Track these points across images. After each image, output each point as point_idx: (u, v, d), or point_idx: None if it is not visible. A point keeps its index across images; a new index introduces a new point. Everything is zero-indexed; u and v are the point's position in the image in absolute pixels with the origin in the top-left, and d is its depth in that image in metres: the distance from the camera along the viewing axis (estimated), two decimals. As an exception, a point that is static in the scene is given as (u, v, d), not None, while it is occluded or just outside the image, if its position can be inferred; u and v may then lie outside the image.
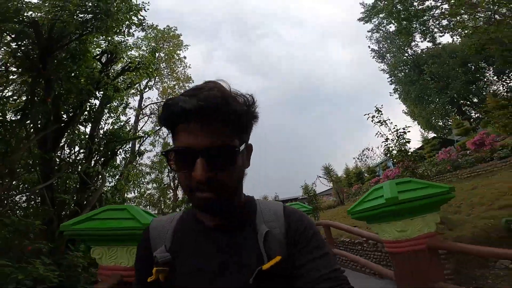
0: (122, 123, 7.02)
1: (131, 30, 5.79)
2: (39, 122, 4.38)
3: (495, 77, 26.42)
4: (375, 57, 32.11)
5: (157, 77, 17.85)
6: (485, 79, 26.37)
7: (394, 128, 6.17)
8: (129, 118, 9.47)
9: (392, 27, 29.35)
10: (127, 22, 5.59)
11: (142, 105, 18.45)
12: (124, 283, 2.47)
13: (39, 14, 4.64)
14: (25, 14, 4.54)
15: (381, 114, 6.33)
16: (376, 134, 6.35)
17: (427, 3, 22.21)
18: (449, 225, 4.87)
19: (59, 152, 5.50)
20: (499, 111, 14.86)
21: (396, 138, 6.10)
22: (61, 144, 5.35)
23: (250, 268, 0.60)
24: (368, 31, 31.27)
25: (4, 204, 3.68)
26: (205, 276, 0.63)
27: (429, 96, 26.29)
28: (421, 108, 27.29)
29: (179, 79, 20.85)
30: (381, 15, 29.50)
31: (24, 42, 4.66)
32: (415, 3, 22.36)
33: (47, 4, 4.79)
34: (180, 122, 0.60)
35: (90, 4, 4.96)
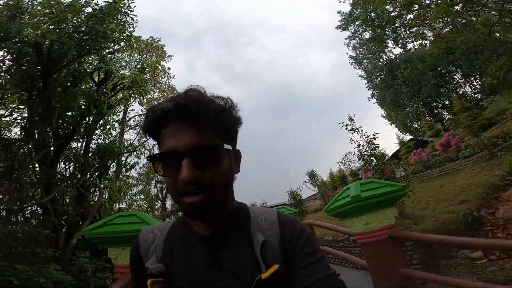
0: (113, 138, 7.36)
1: (119, 46, 6.21)
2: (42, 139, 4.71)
3: (463, 80, 28.28)
4: (353, 63, 33.62)
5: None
6: (454, 82, 28.15)
7: (365, 135, 6.88)
8: (117, 132, 9.75)
9: (367, 34, 31.07)
10: (118, 41, 6.02)
11: (126, 117, 18.56)
12: None
13: (38, 32, 4.95)
14: (25, 34, 4.88)
15: (354, 122, 7.04)
16: (350, 140, 7.03)
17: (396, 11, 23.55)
18: (415, 220, 5.54)
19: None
20: (464, 113, 16.15)
21: (367, 144, 6.79)
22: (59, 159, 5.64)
23: (247, 277, 0.60)
24: (346, 39, 32.83)
25: (16, 216, 3.97)
26: (200, 286, 0.62)
27: (403, 100, 27.75)
28: (397, 111, 28.75)
29: (163, 91, 21.14)
30: (357, 23, 31.13)
31: (24, 61, 4.98)
32: (387, 11, 23.76)
33: (45, 25, 5.14)
34: (162, 128, 0.62)
35: (84, 26, 5.35)
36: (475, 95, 25.50)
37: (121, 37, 5.93)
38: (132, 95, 6.63)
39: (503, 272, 4.18)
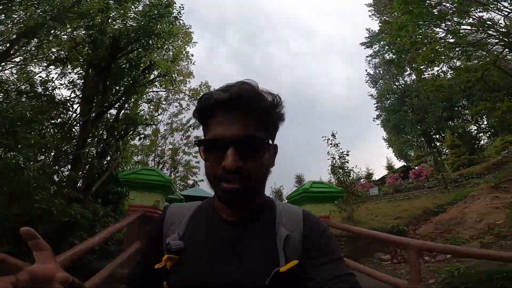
0: (137, 111, 9.03)
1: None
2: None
3: (470, 117, 28.69)
4: (369, 81, 34.38)
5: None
6: (464, 117, 28.33)
7: (339, 150, 8.38)
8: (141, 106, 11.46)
9: (388, 56, 31.54)
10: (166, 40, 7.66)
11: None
12: (146, 216, 4.41)
13: (116, 26, 6.58)
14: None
15: (335, 138, 8.52)
16: (328, 153, 8.54)
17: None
18: (356, 223, 7.06)
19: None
20: (452, 150, 17.41)
21: (338, 158, 8.31)
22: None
23: (266, 268, 0.60)
24: (367, 56, 33.53)
25: (58, 161, 5.64)
26: (212, 267, 0.63)
27: (405, 127, 28.56)
28: (397, 137, 29.52)
29: (182, 74, 22.60)
30: (382, 43, 31.60)
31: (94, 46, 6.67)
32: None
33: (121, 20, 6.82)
34: (212, 115, 0.65)
35: (145, 24, 6.92)
36: (479, 134, 26.21)
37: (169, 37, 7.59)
38: (165, 83, 8.28)
39: (402, 271, 5.71)
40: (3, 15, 6.31)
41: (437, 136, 29.01)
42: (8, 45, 6.90)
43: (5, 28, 6.80)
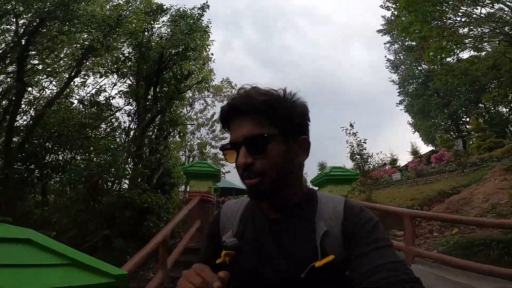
0: (179, 113, 10.46)
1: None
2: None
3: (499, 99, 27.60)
4: (389, 67, 33.91)
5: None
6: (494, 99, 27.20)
7: (357, 138, 9.31)
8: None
9: (407, 42, 30.87)
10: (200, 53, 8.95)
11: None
12: (203, 200, 5.59)
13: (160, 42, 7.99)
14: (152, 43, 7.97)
15: (353, 128, 9.45)
16: (347, 141, 9.48)
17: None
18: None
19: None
20: (476, 134, 17.38)
21: (356, 146, 9.24)
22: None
23: (303, 262, 0.64)
24: (385, 43, 32.99)
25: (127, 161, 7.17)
26: (258, 265, 0.70)
27: (430, 111, 28.15)
28: (423, 121, 29.15)
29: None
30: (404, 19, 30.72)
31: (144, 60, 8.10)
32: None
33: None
34: (230, 122, 0.74)
35: (183, 40, 8.19)
36: (510, 117, 25.34)
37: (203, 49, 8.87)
38: (200, 90, 9.63)
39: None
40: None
41: (466, 119, 28.37)
42: (75, 63, 8.47)
43: (73, 49, 8.37)
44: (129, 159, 7.30)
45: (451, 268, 3.48)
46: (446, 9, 9.66)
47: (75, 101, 9.97)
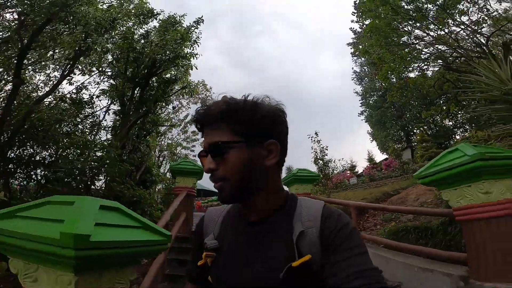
0: (159, 114, 11.11)
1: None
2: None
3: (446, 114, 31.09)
4: (355, 78, 36.53)
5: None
6: (440, 114, 30.66)
7: (320, 145, 10.77)
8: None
9: (371, 57, 33.46)
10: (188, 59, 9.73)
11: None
12: (189, 195, 6.48)
13: (152, 48, 8.65)
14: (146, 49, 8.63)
15: (318, 136, 10.90)
16: (311, 148, 10.89)
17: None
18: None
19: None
20: (421, 144, 19.96)
21: (319, 152, 10.69)
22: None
23: (281, 264, 0.66)
24: (351, 54, 35.24)
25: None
26: (237, 266, 0.73)
27: (386, 122, 31.04)
28: (379, 131, 32.03)
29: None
30: (367, 43, 33.35)
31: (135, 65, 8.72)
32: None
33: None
34: (203, 130, 0.77)
35: (172, 48, 8.89)
36: (454, 129, 28.79)
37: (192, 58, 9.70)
38: (184, 94, 10.49)
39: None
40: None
41: (416, 130, 31.66)
42: (70, 63, 8.79)
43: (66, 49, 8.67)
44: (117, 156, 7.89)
45: (386, 248, 4.72)
46: (403, 33, 11.62)
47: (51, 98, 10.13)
